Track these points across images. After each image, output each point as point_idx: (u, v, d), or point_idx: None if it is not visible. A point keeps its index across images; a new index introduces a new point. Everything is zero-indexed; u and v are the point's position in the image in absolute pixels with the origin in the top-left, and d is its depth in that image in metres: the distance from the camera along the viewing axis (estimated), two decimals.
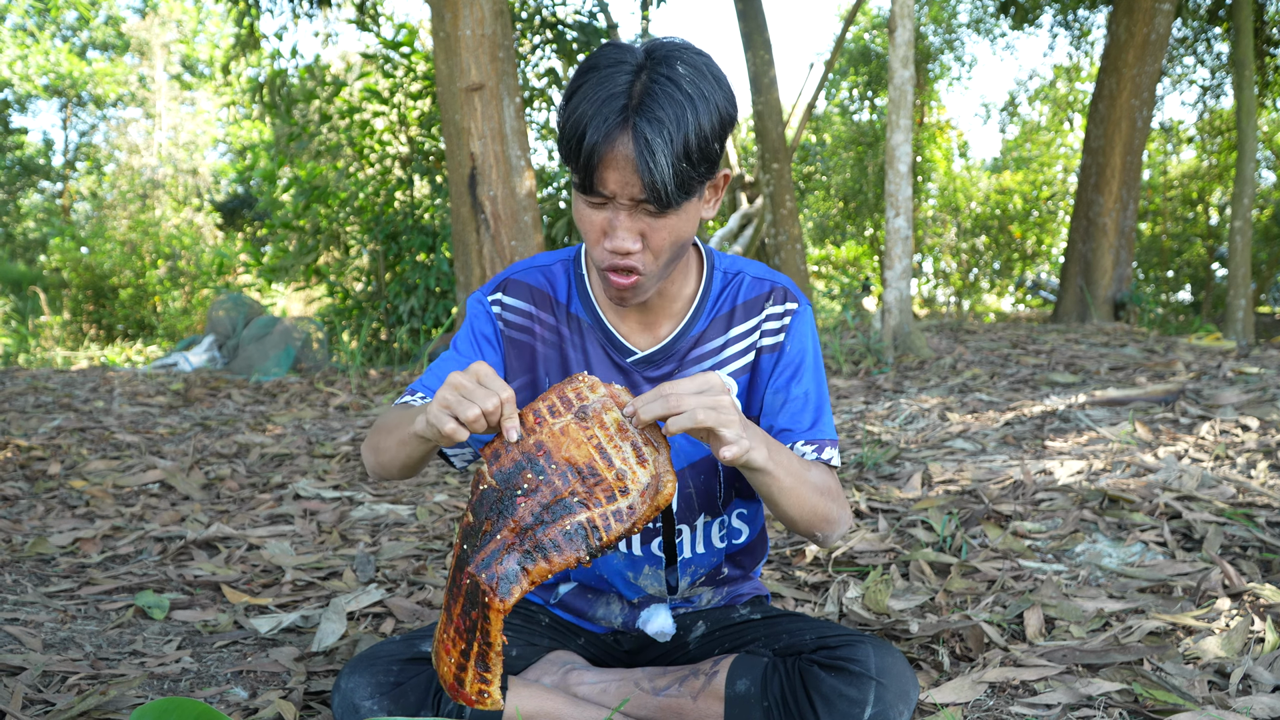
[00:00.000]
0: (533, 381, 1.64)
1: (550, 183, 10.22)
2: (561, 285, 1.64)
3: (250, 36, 10.31)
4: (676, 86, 1.32)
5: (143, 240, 17.12)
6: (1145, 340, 6.91)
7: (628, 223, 1.39)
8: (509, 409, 1.30)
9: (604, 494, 1.28)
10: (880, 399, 4.92)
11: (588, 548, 1.25)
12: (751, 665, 1.54)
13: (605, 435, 1.32)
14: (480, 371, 1.31)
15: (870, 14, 19.19)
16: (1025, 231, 19.66)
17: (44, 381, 6.61)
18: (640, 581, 1.69)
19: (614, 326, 1.61)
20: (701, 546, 1.69)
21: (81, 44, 26.71)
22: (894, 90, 6.24)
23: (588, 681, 1.62)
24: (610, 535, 1.26)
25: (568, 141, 1.36)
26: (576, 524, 1.26)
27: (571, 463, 1.30)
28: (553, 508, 1.28)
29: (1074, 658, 1.86)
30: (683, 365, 1.60)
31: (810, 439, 1.59)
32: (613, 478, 1.29)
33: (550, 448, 1.31)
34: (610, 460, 1.30)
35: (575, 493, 1.28)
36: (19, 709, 1.74)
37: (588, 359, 1.61)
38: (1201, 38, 14.40)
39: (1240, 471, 3.08)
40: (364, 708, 1.47)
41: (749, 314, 1.62)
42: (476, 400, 1.27)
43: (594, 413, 1.33)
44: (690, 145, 1.33)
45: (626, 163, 1.33)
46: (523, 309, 1.63)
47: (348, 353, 8.48)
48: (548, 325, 1.63)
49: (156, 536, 3.01)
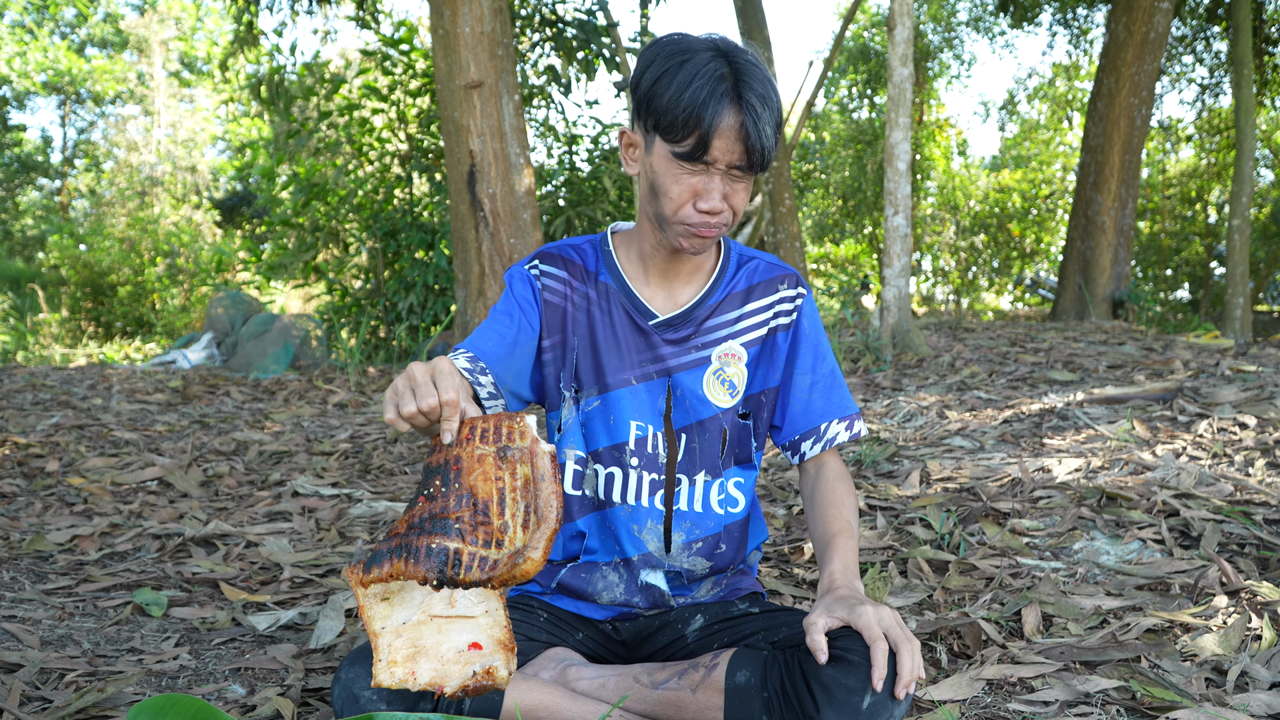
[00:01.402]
0: (563, 340, 1.77)
1: (549, 180, 10.21)
2: (591, 257, 1.81)
3: (249, 33, 10.30)
4: (759, 69, 1.55)
5: (141, 237, 17.09)
6: (1143, 338, 6.91)
7: (720, 186, 1.59)
8: (447, 412, 1.36)
9: (483, 535, 1.29)
10: (879, 397, 4.93)
11: (440, 574, 1.26)
12: (751, 658, 1.55)
13: (511, 484, 1.33)
14: (438, 368, 1.38)
15: (869, 12, 19.18)
16: (1024, 230, 19.66)
17: (42, 379, 6.61)
18: (643, 536, 1.76)
19: (638, 292, 1.77)
20: (700, 505, 1.78)
21: (80, 41, 26.69)
22: (893, 88, 6.23)
23: (586, 677, 1.62)
24: (465, 575, 1.26)
25: (682, 114, 1.52)
26: (442, 547, 1.27)
27: (473, 491, 1.31)
28: (437, 520, 1.29)
29: (1072, 655, 1.86)
30: (699, 330, 1.76)
31: (842, 416, 1.80)
32: (497, 526, 1.30)
33: (464, 468, 1.33)
34: (503, 509, 1.31)
35: (460, 519, 1.29)
36: (17, 706, 1.74)
37: (612, 320, 1.76)
38: (1200, 36, 14.39)
39: (1238, 469, 3.08)
40: (364, 698, 1.48)
41: (764, 294, 1.80)
42: (418, 397, 1.35)
43: (512, 458, 1.34)
44: (778, 118, 1.57)
45: (734, 133, 1.53)
46: (558, 274, 1.78)
47: (346, 350, 8.48)
48: (578, 290, 1.78)
49: (155, 534, 3.01)
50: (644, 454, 1.75)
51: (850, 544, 1.64)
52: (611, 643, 1.79)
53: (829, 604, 1.49)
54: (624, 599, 1.77)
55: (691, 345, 1.76)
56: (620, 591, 1.77)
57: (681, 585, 1.80)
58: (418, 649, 1.32)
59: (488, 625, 1.33)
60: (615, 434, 1.75)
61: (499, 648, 1.32)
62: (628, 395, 1.75)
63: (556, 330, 1.77)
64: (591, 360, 1.76)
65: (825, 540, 1.66)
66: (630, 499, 1.75)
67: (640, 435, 1.75)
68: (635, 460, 1.75)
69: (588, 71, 9.64)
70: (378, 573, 1.27)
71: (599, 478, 1.76)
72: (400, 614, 1.33)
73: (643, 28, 10.72)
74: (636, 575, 1.76)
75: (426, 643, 1.32)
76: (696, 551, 1.78)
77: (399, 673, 1.31)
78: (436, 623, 1.34)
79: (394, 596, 1.33)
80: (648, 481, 1.75)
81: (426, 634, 1.33)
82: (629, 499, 1.75)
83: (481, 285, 6.57)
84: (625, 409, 1.74)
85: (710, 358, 1.76)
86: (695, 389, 1.75)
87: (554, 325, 1.77)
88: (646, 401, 1.75)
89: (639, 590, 1.77)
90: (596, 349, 1.76)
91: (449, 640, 1.33)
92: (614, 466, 1.75)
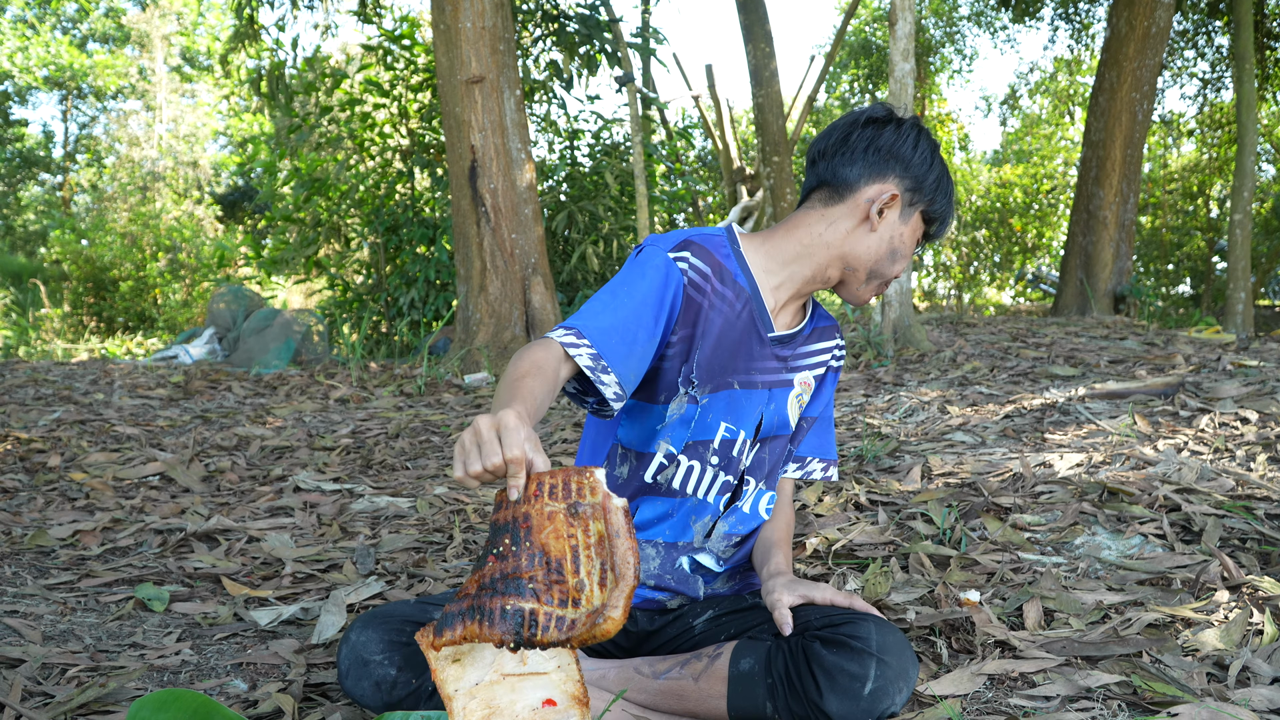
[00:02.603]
0: (691, 335, 1.75)
1: (550, 176, 10.21)
2: (727, 255, 1.81)
3: (250, 28, 10.29)
4: None
5: (143, 233, 17.10)
6: (1145, 333, 6.91)
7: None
8: (514, 469, 1.31)
9: (559, 595, 1.26)
10: (880, 392, 4.92)
11: (516, 636, 1.23)
12: (754, 647, 1.58)
13: (584, 541, 1.30)
14: (504, 423, 1.32)
15: (871, 7, 19.15)
16: (1025, 225, 19.65)
17: (44, 374, 6.62)
18: (696, 527, 1.83)
19: (766, 305, 1.83)
20: (748, 509, 1.88)
21: (81, 36, 26.67)
22: (895, 83, 6.23)
23: (585, 669, 1.63)
24: (543, 636, 1.24)
25: (945, 208, 1.83)
26: (518, 609, 1.24)
27: (545, 550, 1.29)
28: (509, 580, 1.26)
29: (1073, 650, 1.86)
30: (795, 354, 1.89)
31: (824, 457, 2.02)
32: (573, 585, 1.27)
33: (534, 525, 1.30)
34: (578, 567, 1.29)
35: (534, 579, 1.27)
36: (18, 701, 1.74)
37: (738, 323, 1.79)
38: (1202, 31, 14.37)
39: (1239, 464, 3.08)
40: (374, 661, 1.50)
41: (828, 337, 1.97)
42: (483, 455, 1.31)
43: (583, 515, 1.32)
44: None
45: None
46: (702, 269, 1.76)
47: (348, 345, 8.48)
48: (718, 290, 1.77)
49: (156, 529, 3.01)
50: (727, 455, 1.80)
51: (788, 550, 1.89)
52: (619, 635, 1.80)
53: (787, 583, 1.67)
54: (657, 572, 1.80)
55: (788, 365, 1.87)
56: (655, 565, 1.80)
57: (709, 576, 1.85)
58: (492, 710, 1.31)
59: (560, 680, 1.32)
60: (704, 431, 1.78)
61: (574, 703, 1.31)
62: (726, 398, 1.79)
63: (689, 324, 1.75)
64: (711, 358, 1.76)
65: (770, 542, 1.87)
66: (700, 493, 1.81)
67: (727, 438, 1.79)
68: (715, 459, 1.80)
69: (589, 67, 9.63)
70: (450, 635, 1.25)
71: (679, 468, 1.79)
72: (473, 674, 1.32)
73: (644, 23, 10.71)
74: (674, 559, 1.81)
75: (500, 703, 1.32)
76: (733, 544, 1.86)
77: None
78: (509, 681, 1.33)
79: (465, 657, 1.32)
80: (720, 482, 1.81)
81: (500, 694, 1.32)
82: (699, 493, 1.80)
83: (483, 280, 6.57)
84: (720, 410, 1.78)
85: (794, 382, 1.88)
86: (783, 407, 1.87)
87: (688, 319, 1.75)
88: (745, 407, 1.80)
89: (672, 572, 1.81)
90: (717, 348, 1.76)
91: (523, 699, 1.32)
92: (695, 461, 1.79)
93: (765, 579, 1.72)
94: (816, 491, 3.14)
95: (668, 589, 1.80)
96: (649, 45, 9.62)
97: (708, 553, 1.83)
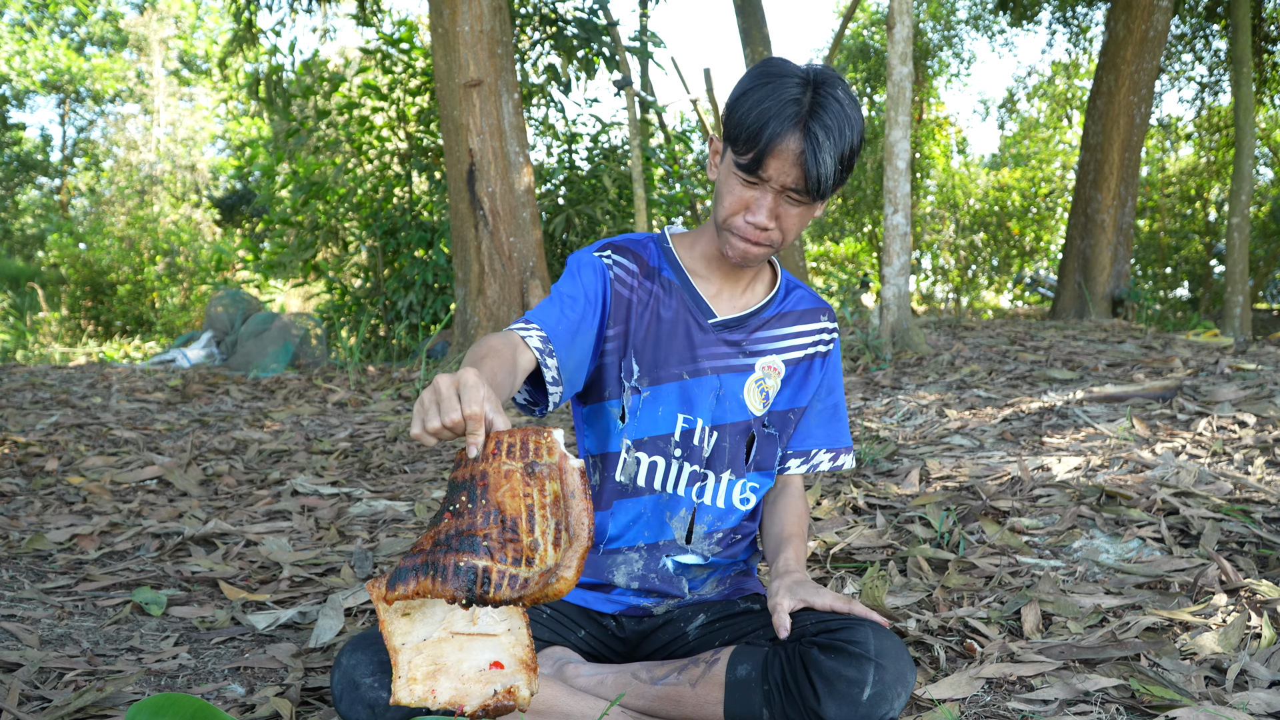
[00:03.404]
0: (625, 331, 1.81)
1: (548, 179, 10.21)
2: (653, 253, 1.87)
3: (248, 31, 10.29)
4: (840, 105, 1.61)
5: (141, 236, 17.09)
6: (1143, 337, 6.91)
7: (771, 205, 1.66)
8: (472, 426, 1.32)
9: (512, 553, 1.26)
10: (878, 395, 4.93)
11: (469, 592, 1.23)
12: (751, 653, 1.57)
13: (540, 501, 1.30)
14: (463, 381, 1.34)
15: (869, 10, 19.17)
16: (1023, 228, 19.66)
17: (42, 378, 6.61)
18: (672, 523, 1.82)
19: (701, 292, 1.84)
20: (722, 501, 1.85)
21: (79, 39, 26.67)
22: (892, 87, 6.23)
23: (584, 674, 1.63)
24: (495, 594, 1.23)
25: (746, 129, 1.61)
26: (471, 566, 1.24)
27: (501, 508, 1.29)
28: (464, 538, 1.26)
29: (1071, 653, 1.86)
30: (749, 337, 1.85)
31: (830, 447, 1.94)
32: (527, 544, 1.27)
33: (491, 484, 1.30)
34: (533, 526, 1.28)
35: (489, 537, 1.26)
36: (16, 705, 1.74)
37: (673, 315, 1.82)
38: (1200, 34, 14.38)
39: (1237, 468, 3.08)
40: (365, 684, 1.49)
41: (809, 321, 1.91)
42: (442, 412, 1.32)
43: (540, 475, 1.32)
44: (844, 154, 1.62)
45: (792, 156, 1.60)
46: (628, 266, 1.83)
47: (346, 349, 8.48)
48: (644, 284, 1.83)
49: (154, 533, 3.01)
50: (688, 446, 1.81)
51: (801, 546, 1.82)
52: (614, 640, 1.80)
53: (789, 586, 1.63)
54: (641, 574, 1.79)
55: (742, 350, 1.84)
56: (639, 567, 1.80)
57: (695, 578, 1.83)
58: (438, 666, 1.31)
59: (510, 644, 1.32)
60: (661, 425, 1.80)
61: (521, 667, 1.31)
62: (677, 389, 1.80)
63: (621, 320, 1.81)
64: (650, 353, 1.80)
65: (781, 536, 1.83)
66: (669, 488, 1.81)
67: (686, 428, 1.80)
68: (679, 451, 1.80)
69: (587, 70, 9.64)
70: (403, 589, 1.24)
71: (640, 466, 1.80)
72: (421, 630, 1.32)
73: (642, 26, 10.72)
74: (658, 559, 1.81)
75: (447, 660, 1.31)
76: (716, 541, 1.84)
77: (418, 690, 1.29)
78: (458, 640, 1.32)
79: (415, 612, 1.31)
80: (687, 473, 1.81)
81: (448, 651, 1.31)
82: (669, 488, 1.81)
83: (481, 283, 6.57)
84: (674, 402, 1.80)
85: (754, 366, 1.85)
86: (737, 392, 1.83)
87: (619, 315, 1.81)
88: (696, 396, 1.81)
89: (656, 572, 1.80)
90: (655, 342, 1.80)
91: (470, 658, 1.31)
92: (657, 456, 1.80)
93: (771, 578, 1.72)
94: (815, 494, 3.14)
95: (653, 591, 1.80)
96: (647, 49, 9.62)
97: (693, 554, 1.82)
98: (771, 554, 1.81)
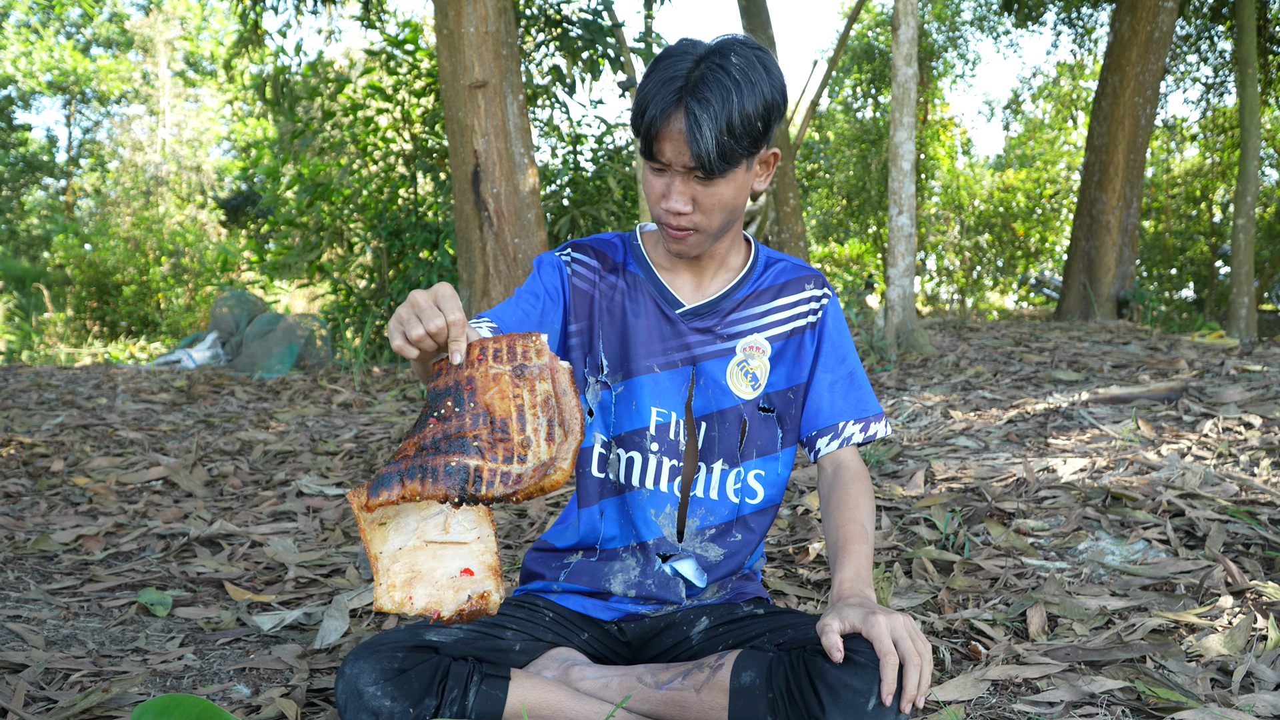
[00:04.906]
0: (589, 326, 1.82)
1: (553, 180, 10.21)
2: (619, 250, 1.87)
3: (254, 33, 10.30)
4: (726, 73, 1.55)
5: (146, 237, 17.12)
6: (1148, 338, 6.90)
7: (681, 187, 1.62)
8: (455, 332, 1.35)
9: (503, 452, 1.29)
10: (883, 396, 4.92)
11: (460, 491, 1.25)
12: (756, 658, 1.55)
13: (530, 401, 1.33)
14: (440, 293, 1.37)
15: (874, 11, 19.16)
16: (1028, 229, 19.63)
17: (47, 378, 6.62)
18: (659, 520, 1.79)
19: (666, 283, 1.82)
20: (715, 494, 1.80)
21: (85, 40, 26.71)
22: (897, 88, 6.23)
23: (589, 677, 1.63)
24: (488, 491, 1.26)
25: (635, 115, 1.60)
26: (462, 465, 1.26)
27: (489, 410, 1.31)
28: (452, 440, 1.28)
29: (1077, 655, 1.86)
30: (724, 322, 1.80)
31: (858, 417, 1.82)
32: (518, 441, 1.30)
33: (478, 387, 1.33)
34: (524, 425, 1.31)
35: (479, 437, 1.29)
36: (21, 706, 1.75)
37: (640, 308, 1.81)
38: (1205, 35, 14.36)
39: (1243, 469, 3.07)
40: (368, 693, 1.49)
41: (791, 292, 1.84)
42: (424, 320, 1.34)
43: (530, 376, 1.35)
44: (734, 122, 1.54)
45: (679, 136, 1.56)
46: (588, 263, 1.84)
47: (351, 350, 8.48)
48: (607, 279, 1.83)
49: (159, 534, 3.01)
50: (664, 440, 1.78)
51: (863, 549, 1.63)
52: (616, 644, 1.80)
53: (842, 610, 1.47)
54: (637, 580, 1.78)
55: (717, 335, 1.80)
56: (636, 574, 1.78)
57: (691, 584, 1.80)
58: (414, 574, 1.34)
59: (480, 551, 1.34)
60: (636, 419, 1.78)
61: (490, 573, 1.33)
62: (650, 382, 1.78)
63: (584, 316, 1.82)
64: (618, 347, 1.79)
65: (838, 545, 1.64)
66: (649, 484, 1.78)
67: (661, 421, 1.78)
68: (655, 446, 1.78)
69: (592, 71, 9.64)
70: (387, 495, 1.26)
71: (620, 462, 1.79)
72: (396, 539, 1.35)
73: (647, 28, 10.72)
74: (652, 562, 1.79)
75: (422, 568, 1.34)
76: (710, 538, 1.81)
77: (397, 596, 1.33)
78: (431, 548, 1.35)
79: (390, 522, 1.35)
80: (667, 467, 1.78)
81: (422, 559, 1.35)
82: (648, 483, 1.78)
83: (486, 285, 6.57)
84: (647, 395, 1.77)
85: (735, 349, 1.80)
86: (719, 378, 1.79)
87: (581, 311, 1.82)
88: (669, 388, 1.78)
89: (653, 576, 1.78)
90: (622, 336, 1.79)
91: (443, 566, 1.35)
92: (634, 451, 1.78)
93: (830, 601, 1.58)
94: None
95: (650, 598, 1.78)
96: (652, 50, 9.62)
97: (689, 557, 1.79)
98: (833, 568, 1.64)
